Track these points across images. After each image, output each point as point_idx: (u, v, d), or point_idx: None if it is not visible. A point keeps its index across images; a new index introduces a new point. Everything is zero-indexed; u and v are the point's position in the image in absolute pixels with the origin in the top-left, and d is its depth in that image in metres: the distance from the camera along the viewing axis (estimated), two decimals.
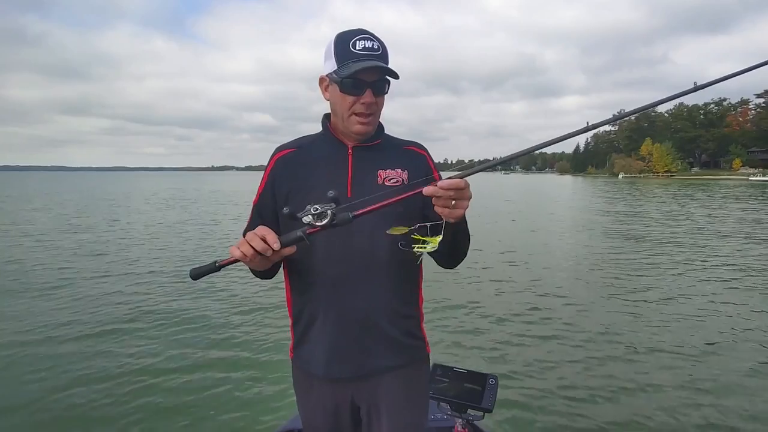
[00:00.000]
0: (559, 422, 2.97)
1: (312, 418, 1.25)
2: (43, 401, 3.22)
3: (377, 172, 1.18)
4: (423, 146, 1.29)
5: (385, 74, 1.12)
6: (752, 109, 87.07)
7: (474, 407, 1.65)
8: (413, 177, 1.19)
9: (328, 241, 1.10)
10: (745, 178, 61.54)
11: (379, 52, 1.11)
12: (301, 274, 1.19)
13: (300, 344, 1.24)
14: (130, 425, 2.94)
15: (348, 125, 1.15)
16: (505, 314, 5.12)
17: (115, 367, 3.75)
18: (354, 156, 1.19)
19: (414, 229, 1.02)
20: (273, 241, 0.97)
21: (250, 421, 2.98)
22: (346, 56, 1.09)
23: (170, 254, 8.91)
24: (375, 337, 1.17)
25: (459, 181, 0.94)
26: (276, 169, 1.22)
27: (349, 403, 1.21)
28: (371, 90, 1.11)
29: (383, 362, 1.19)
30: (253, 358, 3.95)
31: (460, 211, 0.98)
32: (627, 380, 3.52)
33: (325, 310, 1.17)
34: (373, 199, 1.01)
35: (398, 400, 1.20)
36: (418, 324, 1.27)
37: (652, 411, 3.09)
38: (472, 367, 1.80)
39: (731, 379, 3.54)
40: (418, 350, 1.26)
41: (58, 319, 4.89)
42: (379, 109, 1.16)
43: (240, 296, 5.79)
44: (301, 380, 1.26)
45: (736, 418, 3.01)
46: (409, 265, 1.20)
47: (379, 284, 1.16)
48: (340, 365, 1.18)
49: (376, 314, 1.16)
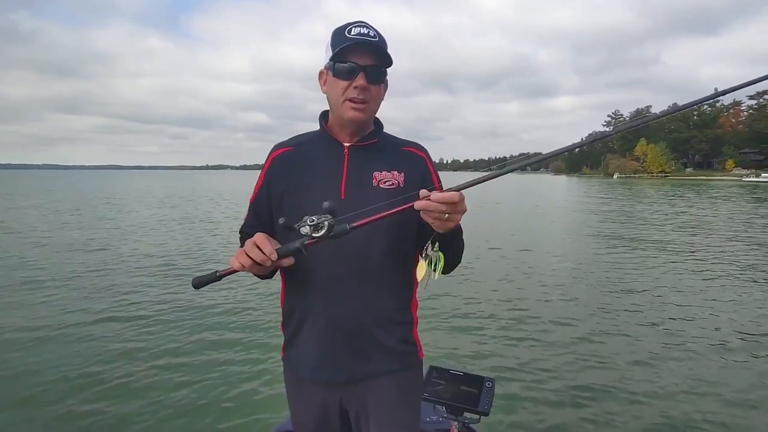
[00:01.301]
0: (555, 425, 2.96)
1: (301, 419, 1.24)
2: (30, 406, 3.17)
3: (372, 173, 1.16)
4: (423, 147, 1.26)
5: (379, 59, 1.10)
6: (744, 110, 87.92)
7: (470, 410, 1.64)
8: (410, 179, 1.17)
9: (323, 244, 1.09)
10: (738, 179, 62.16)
11: (375, 39, 1.09)
12: (294, 274, 1.17)
13: (290, 345, 1.23)
14: (124, 425, 2.91)
15: (341, 112, 1.13)
16: (503, 317, 5.12)
17: (108, 367, 3.70)
18: (350, 156, 1.17)
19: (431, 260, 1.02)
20: (270, 252, 0.96)
21: (246, 421, 2.95)
22: (340, 42, 1.08)
23: (165, 253, 8.84)
24: (366, 341, 1.15)
25: (453, 195, 0.91)
26: (273, 168, 1.20)
27: (338, 406, 1.20)
28: (364, 74, 1.08)
29: (374, 367, 1.17)
30: (249, 358, 3.91)
31: (451, 224, 0.96)
32: (625, 383, 3.52)
33: (317, 313, 1.15)
34: (368, 205, 0.99)
35: (389, 405, 1.19)
36: (411, 330, 1.24)
37: (650, 413, 3.09)
38: (468, 369, 1.79)
39: (731, 376, 3.55)
40: (410, 356, 1.23)
41: (44, 319, 4.83)
42: (373, 98, 1.13)
43: (235, 295, 5.75)
44: (291, 381, 1.25)
45: (736, 418, 3.02)
46: (404, 270, 1.19)
47: (373, 289, 1.14)
48: (329, 369, 1.16)
49: (368, 319, 1.14)
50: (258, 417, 2.98)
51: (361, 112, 1.12)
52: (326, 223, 0.95)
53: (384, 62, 1.11)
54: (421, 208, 0.92)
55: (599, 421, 2.99)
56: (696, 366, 3.81)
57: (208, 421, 2.98)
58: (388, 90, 1.20)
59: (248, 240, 1.00)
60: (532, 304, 5.56)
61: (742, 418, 3.03)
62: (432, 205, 0.91)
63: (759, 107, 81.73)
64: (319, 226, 0.95)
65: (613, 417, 3.04)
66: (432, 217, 0.93)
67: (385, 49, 1.11)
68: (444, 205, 0.91)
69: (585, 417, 3.04)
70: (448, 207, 0.91)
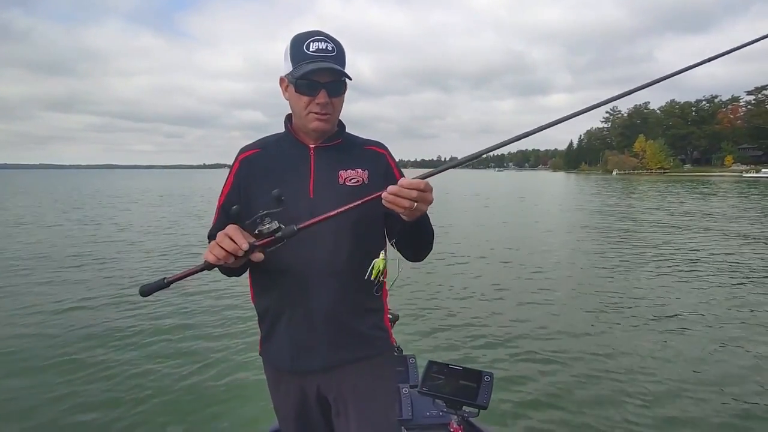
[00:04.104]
0: (554, 419, 2.97)
1: (283, 410, 1.29)
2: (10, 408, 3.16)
3: (338, 172, 1.20)
4: (383, 145, 1.31)
5: (338, 74, 1.14)
6: (743, 106, 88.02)
7: (469, 404, 1.65)
8: (373, 176, 1.22)
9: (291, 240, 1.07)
10: (738, 175, 62.27)
11: (333, 54, 1.14)
12: (264, 273, 1.19)
13: (267, 340, 1.26)
14: (118, 427, 2.91)
15: (305, 123, 1.18)
16: (501, 311, 5.13)
17: (95, 371, 3.67)
18: (316, 156, 1.21)
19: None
20: (242, 242, 0.98)
21: (244, 421, 2.95)
22: (300, 57, 1.12)
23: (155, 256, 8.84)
24: (341, 330, 1.19)
25: (420, 182, 0.97)
26: (241, 170, 1.23)
27: (315, 394, 1.23)
28: (325, 90, 1.13)
29: (349, 354, 1.21)
30: (245, 357, 3.90)
31: (418, 213, 1.01)
32: (624, 376, 3.53)
33: (290, 307, 1.18)
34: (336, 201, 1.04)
35: (364, 390, 1.23)
36: (381, 317, 1.29)
37: (648, 407, 3.10)
38: (467, 364, 1.80)
39: (728, 374, 3.57)
40: (382, 341, 1.27)
41: (28, 321, 4.82)
42: (336, 109, 1.18)
43: (216, 294, 5.71)
44: (270, 374, 1.29)
45: (734, 418, 3.03)
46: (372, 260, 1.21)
47: (345, 279, 1.17)
48: (306, 358, 1.19)
49: (340, 309, 1.18)
50: (255, 417, 2.94)
51: (325, 123, 1.17)
52: (276, 223, 0.99)
53: (343, 75, 1.14)
54: (393, 193, 0.96)
55: (598, 413, 3.00)
56: (695, 361, 3.82)
57: (204, 423, 2.97)
58: (386, 89, 1.24)
59: (220, 232, 1.01)
60: (531, 299, 5.57)
61: (742, 417, 3.05)
62: (403, 191, 0.95)
63: (757, 103, 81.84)
64: (264, 231, 0.99)
65: (612, 409, 3.05)
66: (402, 205, 0.97)
67: (343, 63, 1.15)
68: (413, 191, 0.95)
69: (584, 410, 3.05)
70: (417, 194, 0.96)
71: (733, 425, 2.90)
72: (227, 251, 0.98)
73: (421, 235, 1.15)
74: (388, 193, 0.96)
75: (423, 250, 1.21)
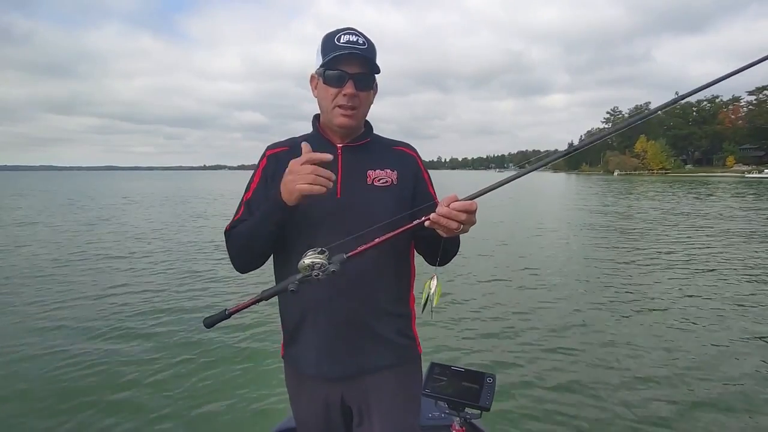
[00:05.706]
0: (557, 421, 2.96)
1: (304, 416, 1.25)
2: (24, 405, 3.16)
3: (366, 172, 1.19)
4: (412, 147, 1.30)
5: (367, 67, 1.13)
6: (744, 106, 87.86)
7: (471, 406, 1.64)
8: (402, 177, 1.21)
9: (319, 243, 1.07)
10: (740, 175, 62.02)
11: (364, 47, 1.12)
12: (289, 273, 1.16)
13: (290, 344, 1.23)
14: (124, 426, 2.90)
15: (331, 118, 1.16)
16: (504, 313, 5.12)
17: (106, 367, 3.69)
18: (343, 156, 1.19)
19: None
20: (329, 175, 0.99)
21: (245, 421, 2.94)
22: (330, 50, 1.12)
23: (167, 255, 8.85)
24: (366, 336, 1.16)
25: (472, 203, 0.95)
26: (269, 166, 1.22)
27: (339, 402, 1.20)
28: (353, 81, 1.11)
29: (374, 361, 1.18)
30: (248, 357, 3.90)
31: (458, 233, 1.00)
32: (627, 378, 3.51)
33: (315, 310, 1.16)
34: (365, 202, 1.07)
35: (389, 399, 1.20)
36: (409, 323, 1.26)
37: (652, 406, 3.08)
38: (469, 365, 1.79)
39: (726, 371, 3.56)
40: (409, 349, 1.25)
41: (45, 320, 4.83)
42: (362, 104, 1.17)
43: (232, 292, 5.75)
44: (292, 379, 1.26)
45: (734, 419, 3.01)
46: (401, 264, 1.21)
47: (372, 283, 1.15)
48: (330, 365, 1.17)
49: (367, 313, 1.16)
50: (257, 417, 2.97)
51: (351, 119, 1.15)
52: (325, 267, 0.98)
53: (372, 69, 1.14)
54: (444, 215, 0.94)
55: (601, 415, 2.99)
56: (699, 357, 3.81)
57: (205, 422, 2.96)
58: (382, 89, 1.24)
59: (294, 161, 1.02)
60: (533, 301, 5.55)
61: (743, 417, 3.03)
62: (452, 213, 0.94)
63: (758, 103, 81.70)
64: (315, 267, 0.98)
65: (615, 410, 3.03)
66: (450, 227, 0.96)
67: (373, 56, 1.14)
68: (462, 213, 0.94)
69: (586, 411, 3.04)
70: (466, 217, 0.95)
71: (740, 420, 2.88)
72: (325, 177, 0.99)
73: (453, 247, 1.15)
74: (439, 215, 0.95)
75: (448, 258, 1.20)
